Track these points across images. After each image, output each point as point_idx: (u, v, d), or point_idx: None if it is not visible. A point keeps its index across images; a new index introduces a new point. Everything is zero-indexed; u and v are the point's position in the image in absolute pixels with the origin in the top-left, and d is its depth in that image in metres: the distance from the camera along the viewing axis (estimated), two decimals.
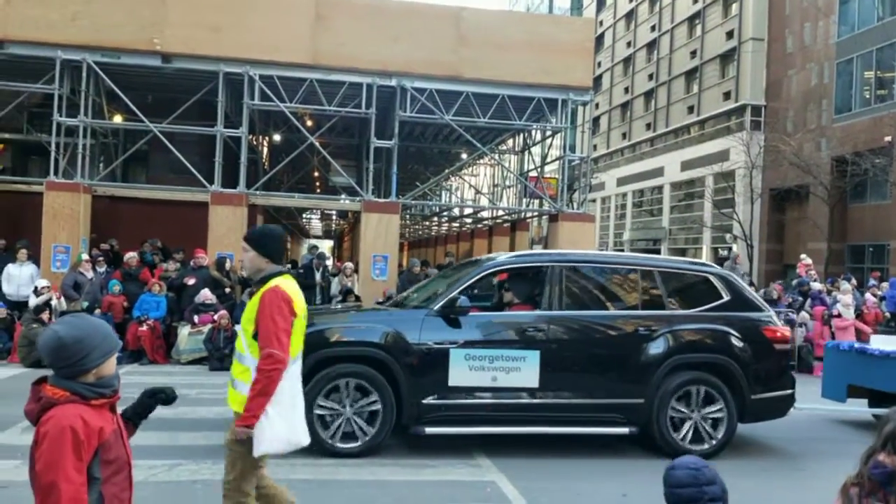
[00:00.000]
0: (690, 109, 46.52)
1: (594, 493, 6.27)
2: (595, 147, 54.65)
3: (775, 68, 39.66)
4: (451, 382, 6.92)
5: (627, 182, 52.86)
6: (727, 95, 42.67)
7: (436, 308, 7.14)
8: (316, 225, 56.53)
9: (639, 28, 54.25)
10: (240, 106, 16.25)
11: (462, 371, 6.94)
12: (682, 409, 7.30)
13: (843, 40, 33.51)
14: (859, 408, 9.64)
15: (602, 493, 6.25)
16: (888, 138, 27.68)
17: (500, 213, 24.60)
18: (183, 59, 15.37)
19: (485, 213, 27.22)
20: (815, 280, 17.10)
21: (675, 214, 46.84)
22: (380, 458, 6.87)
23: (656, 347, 7.29)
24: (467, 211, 30.86)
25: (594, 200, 53.34)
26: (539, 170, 21.50)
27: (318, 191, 30.53)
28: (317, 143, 17.17)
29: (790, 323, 13.92)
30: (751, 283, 16.01)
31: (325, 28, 15.64)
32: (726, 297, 7.71)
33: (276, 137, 22.66)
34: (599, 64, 55.34)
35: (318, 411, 6.78)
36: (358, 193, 17.52)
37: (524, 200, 23.29)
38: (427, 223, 38.13)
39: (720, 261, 18.95)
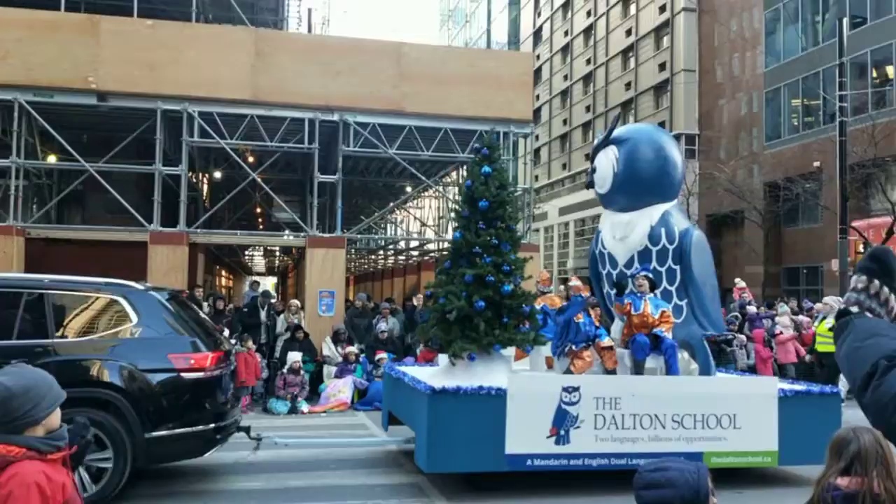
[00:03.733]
0: None
1: None
2: (537, 178, 55.38)
3: (707, 98, 40.91)
4: None
5: (569, 211, 53.59)
6: (662, 125, 43.74)
7: None
8: (259, 262, 55.72)
9: (575, 61, 55.43)
10: (178, 143, 15.98)
11: None
12: None
13: (770, 70, 34.77)
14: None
15: None
16: (817, 163, 28.68)
17: (446, 245, 24.62)
18: (119, 97, 15.08)
19: (431, 246, 27.21)
20: (750, 303, 17.53)
21: None
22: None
23: None
24: (413, 244, 30.82)
25: (538, 230, 53.85)
26: None
27: (261, 227, 30.12)
28: (259, 179, 16.98)
29: (728, 343, 13.95)
30: None
31: (265, 64, 15.56)
32: (135, 321, 6.70)
33: (217, 174, 22.33)
34: (538, 97, 56.24)
35: None
36: (302, 229, 17.34)
37: None
38: (373, 257, 37.94)
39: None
